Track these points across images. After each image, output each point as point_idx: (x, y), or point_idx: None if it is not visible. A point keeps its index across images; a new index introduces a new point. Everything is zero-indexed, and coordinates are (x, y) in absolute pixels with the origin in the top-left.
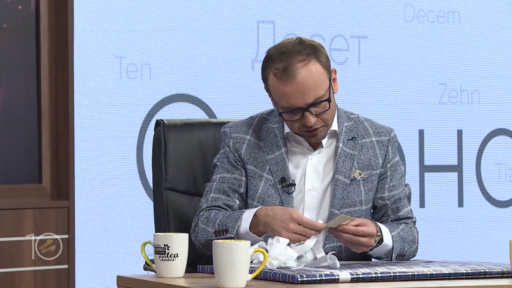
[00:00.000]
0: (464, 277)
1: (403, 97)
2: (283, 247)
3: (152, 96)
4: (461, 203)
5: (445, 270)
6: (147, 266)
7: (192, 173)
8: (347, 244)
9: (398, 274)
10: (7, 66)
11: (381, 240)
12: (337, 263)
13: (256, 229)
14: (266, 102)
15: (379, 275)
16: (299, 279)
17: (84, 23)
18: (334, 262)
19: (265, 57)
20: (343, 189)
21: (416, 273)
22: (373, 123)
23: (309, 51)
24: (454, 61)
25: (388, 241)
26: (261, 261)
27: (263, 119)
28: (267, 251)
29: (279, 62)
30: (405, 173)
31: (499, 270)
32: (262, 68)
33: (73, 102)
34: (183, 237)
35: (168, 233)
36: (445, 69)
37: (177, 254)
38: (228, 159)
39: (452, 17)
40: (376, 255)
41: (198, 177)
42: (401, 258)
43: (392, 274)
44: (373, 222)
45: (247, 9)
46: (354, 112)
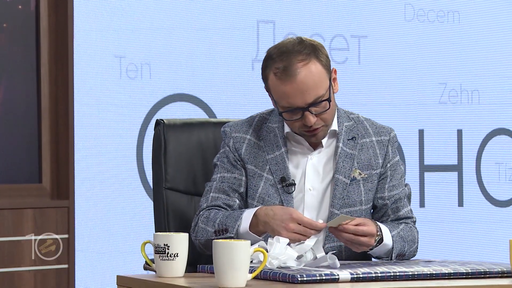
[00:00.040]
0: (464, 276)
1: (403, 96)
2: (283, 246)
3: (152, 96)
4: (461, 203)
5: (445, 270)
6: (147, 266)
7: (192, 173)
8: (347, 244)
9: (398, 273)
10: (7, 66)
11: (381, 239)
12: (337, 262)
13: (256, 229)
14: (266, 101)
15: (379, 274)
16: (299, 279)
17: (84, 22)
18: (334, 261)
19: (265, 56)
20: (343, 189)
21: (416, 272)
22: (373, 123)
23: (309, 50)
24: (454, 61)
25: (388, 240)
26: (261, 260)
27: (263, 119)
28: (267, 251)
29: (279, 62)
30: (405, 173)
31: (499, 269)
32: (262, 68)
33: (73, 101)
34: (183, 236)
35: (168, 233)
36: (445, 69)
37: (177, 254)
38: (228, 158)
39: (452, 17)
40: (376, 254)
41: (198, 176)
42: (401, 257)
43: (392, 274)
44: (373, 222)
45: (247, 8)
46: (354, 112)
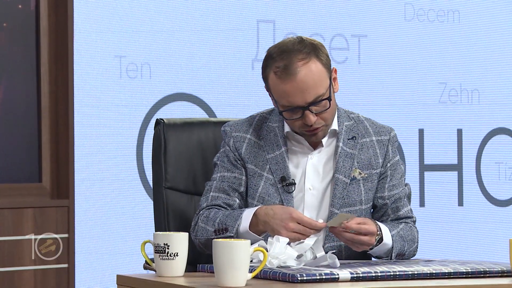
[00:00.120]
0: (464, 276)
1: (403, 96)
2: (283, 246)
3: (152, 95)
4: (461, 202)
5: (445, 269)
6: (147, 265)
7: (192, 172)
8: (347, 243)
9: (398, 273)
10: (7, 66)
11: (381, 239)
12: (337, 262)
13: (256, 228)
14: (266, 101)
15: (379, 274)
16: (299, 278)
17: (84, 22)
18: (334, 261)
19: (265, 56)
20: (343, 188)
21: (416, 272)
22: (373, 123)
23: (310, 50)
24: (454, 60)
25: (388, 240)
26: (261, 260)
27: (263, 118)
28: (267, 250)
29: (280, 61)
30: (405, 172)
31: (499, 269)
32: (262, 67)
33: (73, 101)
34: (183, 236)
35: (168, 232)
36: (445, 68)
37: (177, 253)
38: (228, 158)
39: (452, 16)
40: (376, 254)
41: (198, 176)
42: (401, 257)
43: (392, 273)
44: (373, 221)
45: (247, 8)
46: (354, 112)
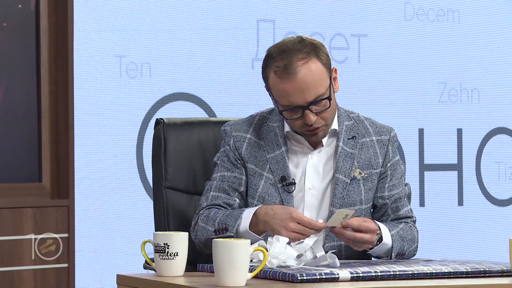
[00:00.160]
0: (464, 275)
1: (403, 96)
2: (283, 246)
3: (152, 95)
4: (461, 202)
5: (445, 269)
6: (147, 265)
7: (192, 172)
8: (349, 243)
9: (398, 272)
10: (7, 65)
11: (380, 238)
12: (337, 262)
13: (256, 228)
14: (266, 101)
15: (379, 273)
16: (299, 278)
17: (84, 22)
18: (334, 261)
19: (265, 55)
20: (343, 188)
21: (416, 271)
22: (373, 122)
23: (310, 49)
24: (454, 60)
25: (388, 239)
26: (261, 260)
27: (263, 118)
28: (267, 250)
29: (280, 60)
30: (405, 172)
31: (499, 268)
32: (262, 67)
33: (73, 101)
34: (183, 236)
35: (168, 232)
36: (445, 68)
37: (177, 253)
38: (228, 157)
39: (452, 16)
40: (375, 254)
41: (198, 176)
42: (401, 257)
43: (392, 273)
44: (372, 220)
45: (247, 7)
46: (354, 111)
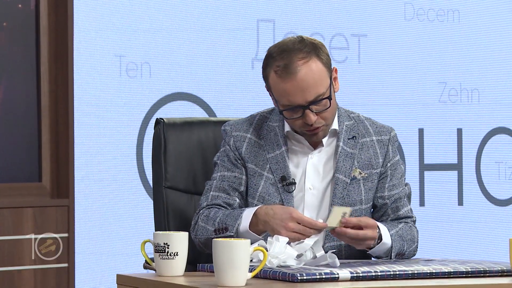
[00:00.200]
0: (464, 275)
1: (403, 95)
2: (283, 245)
3: (152, 95)
4: (461, 202)
5: (445, 269)
6: (147, 265)
7: (192, 172)
8: (351, 242)
9: (398, 272)
10: (7, 65)
11: (380, 237)
12: (337, 261)
13: (255, 228)
14: (266, 100)
15: (379, 273)
16: (299, 278)
17: (84, 21)
18: (334, 260)
19: (266, 55)
20: (343, 188)
21: (416, 271)
22: (374, 122)
23: (310, 49)
24: (454, 60)
25: (387, 239)
26: (261, 259)
27: (263, 118)
28: (266, 250)
29: (280, 60)
30: (405, 172)
31: (499, 268)
32: (263, 67)
33: (73, 100)
34: (183, 235)
35: (168, 232)
36: (445, 68)
37: (177, 253)
38: (229, 157)
39: (452, 16)
40: (375, 254)
41: (198, 175)
42: (401, 256)
43: (392, 273)
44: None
45: (247, 7)
46: (355, 111)
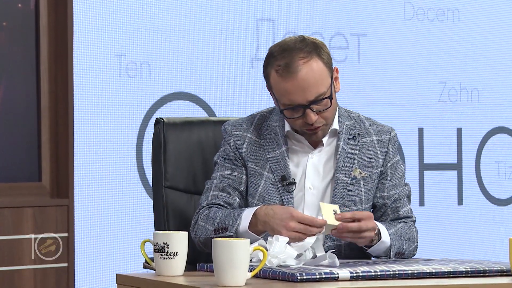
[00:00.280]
0: (464, 275)
1: (402, 95)
2: (283, 245)
3: (151, 94)
4: (460, 201)
5: (444, 268)
6: (147, 265)
7: (192, 172)
8: (354, 238)
9: (397, 272)
10: (7, 65)
11: (379, 235)
12: (337, 261)
13: (255, 228)
14: (266, 100)
15: (379, 273)
16: (298, 278)
17: (83, 21)
18: (334, 260)
19: (267, 54)
20: (343, 188)
21: (415, 271)
22: (374, 122)
23: (311, 48)
24: (453, 60)
25: (386, 238)
26: (260, 259)
27: (264, 117)
28: (266, 250)
29: (281, 59)
30: (405, 172)
31: (499, 268)
32: (264, 66)
33: (73, 100)
34: (183, 235)
35: (168, 232)
36: (445, 68)
37: (177, 253)
38: (229, 157)
39: (451, 15)
40: (375, 253)
41: (198, 175)
42: (400, 256)
43: (391, 272)
44: None
45: (246, 7)
46: (355, 111)
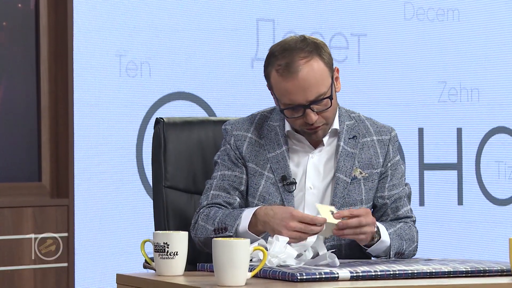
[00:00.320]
0: (464, 275)
1: (402, 95)
2: (283, 245)
3: (151, 94)
4: (460, 201)
5: (444, 268)
6: (147, 264)
7: (192, 171)
8: (355, 234)
9: (397, 272)
10: (7, 65)
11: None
12: (337, 261)
13: (255, 229)
14: (266, 100)
15: (379, 273)
16: (298, 278)
17: (83, 21)
18: (334, 260)
19: (268, 54)
20: (343, 187)
21: (415, 271)
22: (374, 122)
23: (312, 48)
24: (453, 59)
25: (386, 237)
26: (260, 259)
27: (264, 117)
28: (266, 249)
29: (282, 59)
30: (405, 172)
31: (499, 268)
32: (264, 65)
33: (73, 100)
34: (183, 235)
35: (168, 231)
36: (445, 67)
37: (177, 252)
38: (229, 156)
39: (451, 15)
40: (374, 253)
41: (198, 175)
42: (400, 256)
43: (391, 272)
44: None
45: (246, 7)
46: (355, 111)
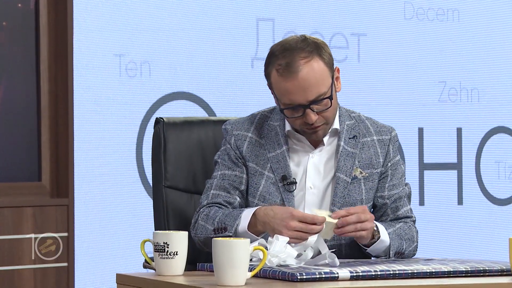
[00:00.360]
0: (464, 275)
1: (402, 95)
2: (283, 245)
3: (151, 94)
4: (460, 201)
5: (444, 268)
6: (147, 264)
7: (192, 171)
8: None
9: (397, 272)
10: (7, 65)
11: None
12: (337, 261)
13: (254, 229)
14: (266, 100)
15: (379, 273)
16: (298, 277)
17: (83, 20)
18: (334, 260)
19: (268, 53)
20: (344, 187)
21: (415, 271)
22: (374, 122)
23: (312, 48)
24: (453, 59)
25: (385, 237)
26: (260, 259)
27: (264, 117)
28: (266, 249)
29: (282, 58)
30: (405, 172)
31: (499, 268)
32: (265, 65)
33: (73, 100)
34: (183, 235)
35: (168, 231)
36: (445, 67)
37: (177, 252)
38: (229, 156)
39: (451, 15)
40: (374, 253)
41: (198, 175)
42: (400, 256)
43: (391, 272)
44: None
45: (246, 6)
46: (355, 111)
